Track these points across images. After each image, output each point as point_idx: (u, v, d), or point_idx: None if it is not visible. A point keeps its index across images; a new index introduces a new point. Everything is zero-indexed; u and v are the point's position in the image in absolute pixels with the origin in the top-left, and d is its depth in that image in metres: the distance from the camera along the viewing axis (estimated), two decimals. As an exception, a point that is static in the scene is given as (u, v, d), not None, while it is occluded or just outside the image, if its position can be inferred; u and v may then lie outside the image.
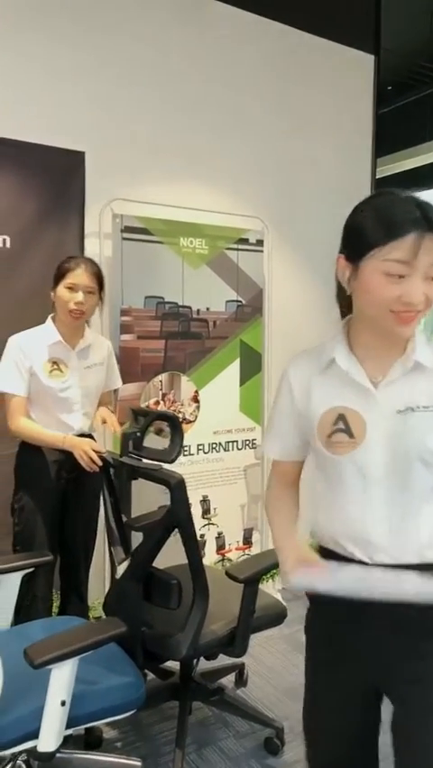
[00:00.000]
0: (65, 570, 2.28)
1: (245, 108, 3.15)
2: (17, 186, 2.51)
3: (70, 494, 2.19)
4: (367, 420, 1.07)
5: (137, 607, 1.86)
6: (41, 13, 2.57)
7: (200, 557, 1.80)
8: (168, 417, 1.81)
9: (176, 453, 1.79)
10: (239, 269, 3.04)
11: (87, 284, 2.12)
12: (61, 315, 2.14)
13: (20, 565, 1.91)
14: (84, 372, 2.19)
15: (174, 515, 1.74)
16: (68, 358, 2.16)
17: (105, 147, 2.70)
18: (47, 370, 2.12)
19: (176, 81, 2.93)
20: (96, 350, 2.26)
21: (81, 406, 2.19)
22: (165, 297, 2.83)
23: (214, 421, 3.01)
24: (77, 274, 2.11)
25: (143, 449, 1.84)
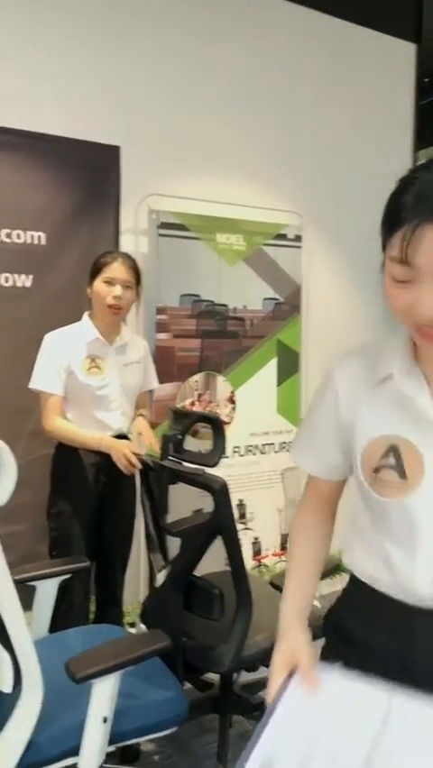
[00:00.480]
0: (101, 575, 2.22)
1: (283, 101, 3.06)
2: (53, 181, 2.46)
3: (107, 498, 2.13)
4: (427, 459, 0.83)
5: (178, 617, 1.79)
6: (75, 8, 2.52)
7: (244, 565, 1.72)
8: (210, 420, 1.73)
9: (218, 457, 1.71)
10: (277, 266, 2.95)
11: (124, 278, 2.06)
12: (99, 311, 2.09)
13: (57, 571, 1.85)
14: (122, 370, 2.13)
15: (217, 521, 1.66)
16: (106, 354, 2.10)
17: (141, 141, 2.64)
18: (85, 367, 2.06)
19: (212, 73, 2.85)
20: (133, 348, 2.20)
21: (119, 405, 2.12)
22: (201, 295, 2.76)
23: (250, 422, 2.92)
24: (114, 268, 2.06)
25: (184, 452, 1.77)
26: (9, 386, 2.39)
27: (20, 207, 2.40)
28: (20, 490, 2.44)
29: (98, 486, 2.10)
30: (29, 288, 2.44)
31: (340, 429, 0.95)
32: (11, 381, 2.39)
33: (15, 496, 2.52)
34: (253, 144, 2.96)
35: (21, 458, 2.43)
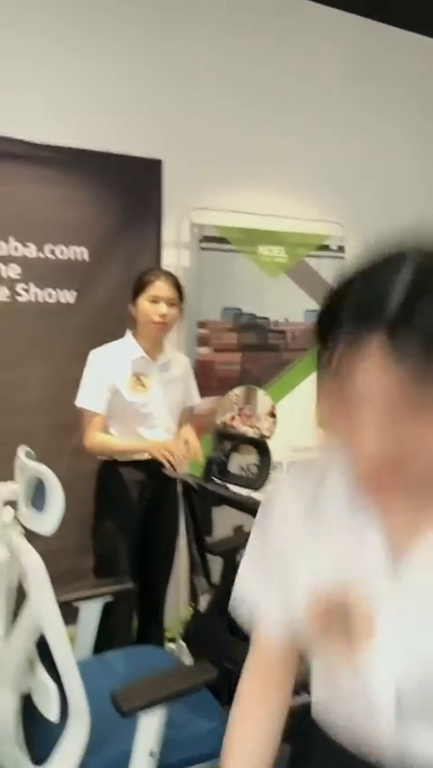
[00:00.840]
0: (144, 593, 2.21)
1: (324, 109, 3.01)
2: (95, 196, 2.47)
3: (151, 516, 2.12)
4: (378, 614, 0.64)
5: (222, 642, 1.76)
6: (116, 21, 2.52)
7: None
8: (255, 443, 1.70)
9: (264, 481, 1.68)
10: (319, 278, 2.89)
11: (169, 295, 2.06)
12: (143, 329, 2.08)
13: (101, 593, 1.85)
14: (166, 386, 2.13)
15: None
16: (150, 372, 2.10)
17: (183, 155, 2.62)
18: (130, 385, 2.06)
19: (252, 85, 2.82)
20: (175, 364, 2.19)
21: (163, 422, 2.11)
22: (242, 309, 2.73)
23: (292, 437, 2.87)
24: (158, 286, 2.05)
25: (229, 474, 1.75)
26: (52, 401, 2.41)
27: (63, 223, 2.41)
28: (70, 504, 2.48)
29: (142, 504, 2.09)
30: (72, 304, 2.45)
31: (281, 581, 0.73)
32: (54, 396, 2.40)
33: (58, 510, 2.53)
34: (294, 155, 2.92)
35: (64, 473, 2.45)
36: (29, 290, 2.38)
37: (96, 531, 2.10)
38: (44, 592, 1.32)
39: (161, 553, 2.18)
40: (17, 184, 2.33)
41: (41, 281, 2.39)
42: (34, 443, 2.39)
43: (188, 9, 2.67)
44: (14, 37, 2.33)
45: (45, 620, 1.33)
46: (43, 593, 1.32)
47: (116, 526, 2.07)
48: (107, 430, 2.09)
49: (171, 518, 2.13)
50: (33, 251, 2.38)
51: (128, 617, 2.10)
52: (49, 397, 2.42)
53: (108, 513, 2.08)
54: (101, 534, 2.09)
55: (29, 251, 2.37)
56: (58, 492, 1.34)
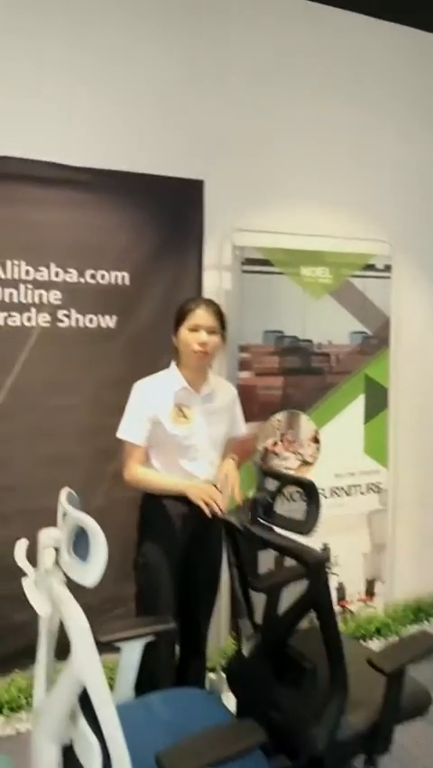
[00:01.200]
0: (186, 626, 2.15)
1: (370, 125, 2.91)
2: (136, 220, 2.44)
3: (194, 549, 2.06)
4: None
5: (268, 689, 1.69)
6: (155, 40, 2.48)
7: (341, 646, 1.59)
8: (303, 484, 1.62)
9: (313, 525, 1.60)
10: (365, 298, 2.80)
11: (209, 324, 2.00)
12: (185, 359, 2.03)
13: (143, 633, 1.79)
14: (209, 418, 2.07)
15: (311, 598, 1.55)
16: (193, 403, 2.04)
17: (224, 175, 2.57)
18: (172, 417, 2.01)
19: (296, 103, 2.75)
20: (220, 395, 2.13)
21: (205, 454, 2.06)
22: (285, 331, 2.65)
23: (335, 463, 2.79)
24: (198, 314, 2.00)
25: (275, 516, 1.67)
26: (92, 426, 2.38)
27: (104, 247, 2.39)
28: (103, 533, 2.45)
29: (185, 537, 2.03)
30: (113, 329, 2.42)
31: None
32: (94, 422, 2.38)
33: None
34: (337, 173, 2.84)
35: (103, 500, 2.46)
36: (70, 316, 2.36)
37: (138, 563, 2.05)
38: (87, 647, 1.27)
39: (204, 587, 2.12)
40: (57, 209, 2.31)
41: (82, 307, 2.37)
42: (75, 468, 2.39)
43: (229, 27, 2.61)
44: (51, 61, 2.31)
45: (87, 675, 1.28)
46: (86, 648, 1.27)
47: (159, 560, 2.02)
48: (150, 461, 2.04)
49: (215, 552, 2.07)
50: (75, 276, 2.35)
51: (170, 656, 2.04)
52: (89, 422, 2.39)
53: (150, 546, 2.03)
54: (143, 566, 2.04)
55: (70, 277, 2.34)
56: (101, 543, 1.29)
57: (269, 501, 1.67)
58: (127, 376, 2.27)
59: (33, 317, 2.30)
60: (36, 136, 2.27)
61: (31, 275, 2.29)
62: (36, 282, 2.29)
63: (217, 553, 2.07)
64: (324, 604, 1.55)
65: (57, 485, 2.29)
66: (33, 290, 2.29)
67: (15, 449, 2.31)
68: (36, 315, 2.30)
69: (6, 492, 2.31)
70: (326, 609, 1.55)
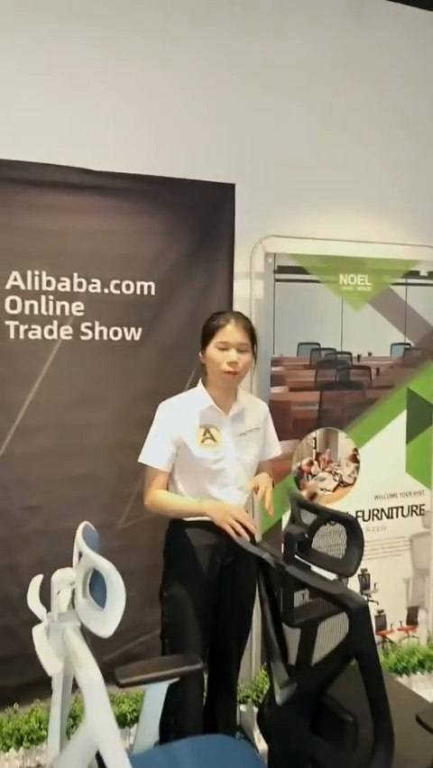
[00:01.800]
0: (215, 662, 2.01)
1: (412, 122, 2.73)
2: (164, 226, 2.31)
3: (225, 582, 1.92)
4: None
5: (304, 741, 1.53)
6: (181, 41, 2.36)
7: (387, 702, 1.43)
8: (344, 521, 1.46)
9: (355, 566, 1.43)
10: (408, 307, 2.62)
11: (239, 341, 1.86)
12: (213, 378, 1.89)
13: (168, 675, 1.66)
14: (239, 440, 1.92)
15: (353, 647, 1.39)
16: (221, 424, 1.90)
17: (256, 179, 2.42)
18: (199, 438, 1.87)
19: (332, 101, 2.59)
20: (251, 414, 1.98)
21: (236, 479, 1.91)
22: (321, 343, 2.49)
23: (375, 484, 2.61)
24: (227, 331, 1.86)
25: (313, 554, 1.51)
26: (117, 444, 2.26)
27: (129, 256, 2.26)
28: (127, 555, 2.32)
29: (213, 569, 1.89)
30: (138, 342, 2.30)
31: None
32: (119, 439, 2.26)
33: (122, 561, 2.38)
34: (377, 174, 2.66)
35: (128, 521, 2.33)
36: (93, 328, 2.24)
37: (164, 596, 1.92)
38: (101, 708, 1.14)
39: (235, 623, 1.97)
40: (80, 216, 2.20)
41: (105, 319, 2.25)
42: (100, 488, 2.27)
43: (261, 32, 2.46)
44: (73, 64, 2.21)
45: (101, 738, 1.15)
46: (100, 708, 1.14)
47: (185, 593, 1.88)
48: (176, 486, 1.91)
49: (246, 585, 1.92)
50: (98, 286, 2.24)
51: (198, 698, 1.90)
52: (113, 440, 2.28)
53: (176, 578, 1.90)
54: (169, 599, 1.91)
55: (93, 287, 2.23)
56: (119, 590, 1.16)
57: (306, 538, 1.51)
58: (153, 391, 2.15)
59: (55, 330, 2.19)
60: (57, 140, 2.16)
61: (52, 286, 2.18)
62: (58, 293, 2.18)
63: (249, 586, 1.92)
64: (367, 654, 1.38)
65: (81, 505, 2.23)
66: (55, 302, 2.18)
67: (37, 468, 2.21)
68: (58, 327, 2.19)
69: (29, 513, 2.21)
70: (369, 661, 1.39)
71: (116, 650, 2.26)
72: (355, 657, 1.41)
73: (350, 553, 1.45)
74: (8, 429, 2.15)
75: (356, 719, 1.45)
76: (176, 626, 1.88)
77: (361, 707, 1.45)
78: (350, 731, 1.45)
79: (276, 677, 1.62)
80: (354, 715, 1.46)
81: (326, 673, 1.45)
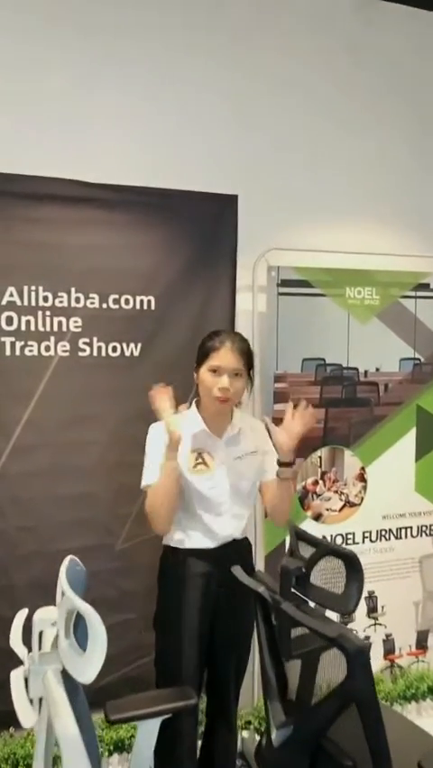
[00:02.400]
0: (213, 693, 1.94)
1: (419, 131, 2.65)
2: (164, 239, 2.25)
3: (221, 610, 1.84)
4: None
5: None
6: (182, 49, 2.30)
7: (386, 744, 1.35)
8: (343, 556, 1.38)
9: (354, 605, 1.36)
10: (417, 321, 2.53)
11: (232, 366, 1.78)
12: (206, 400, 1.82)
13: (160, 711, 1.59)
14: (233, 465, 1.84)
15: (351, 692, 1.31)
16: (214, 448, 1.82)
17: (259, 189, 2.35)
18: (191, 463, 1.80)
19: (337, 111, 2.51)
20: (248, 436, 1.90)
21: (230, 508, 1.83)
22: (327, 359, 2.41)
23: (384, 503, 2.52)
24: (220, 355, 1.77)
25: (311, 588, 1.44)
26: (116, 463, 2.20)
27: (128, 270, 2.21)
28: (125, 577, 2.26)
29: (209, 596, 1.82)
30: (137, 358, 2.24)
31: None
32: (117, 458, 2.20)
33: (122, 583, 2.32)
34: (384, 184, 2.58)
35: (126, 542, 2.27)
36: (91, 344, 2.18)
37: (157, 623, 1.86)
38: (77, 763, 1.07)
39: (232, 653, 1.89)
40: (77, 230, 2.14)
41: (104, 334, 2.19)
42: (98, 508, 2.21)
43: (264, 41, 2.40)
44: (71, 72, 2.16)
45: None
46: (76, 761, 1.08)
47: (179, 621, 1.81)
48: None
49: (243, 614, 1.83)
50: (96, 301, 2.18)
51: (193, 731, 1.83)
52: (111, 459, 2.22)
53: (170, 605, 1.83)
54: (162, 626, 1.84)
55: (91, 302, 2.17)
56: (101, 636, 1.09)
57: (303, 572, 1.43)
58: (150, 408, 2.09)
59: (52, 346, 2.14)
60: (54, 152, 2.11)
61: (49, 301, 2.13)
62: (55, 309, 2.13)
63: (247, 614, 1.84)
64: (366, 701, 1.31)
65: (78, 525, 2.17)
66: (52, 317, 2.13)
67: (34, 487, 2.15)
68: (55, 344, 2.14)
69: (25, 533, 2.15)
70: (369, 707, 1.31)
71: (114, 673, 2.20)
72: (354, 702, 1.34)
73: (349, 590, 1.38)
74: (4, 448, 2.10)
75: (356, 764, 1.37)
76: (170, 654, 1.81)
77: (361, 750, 1.37)
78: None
79: (273, 716, 1.55)
80: (353, 759, 1.38)
81: (324, 716, 1.38)
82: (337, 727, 1.45)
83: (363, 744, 1.36)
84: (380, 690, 2.51)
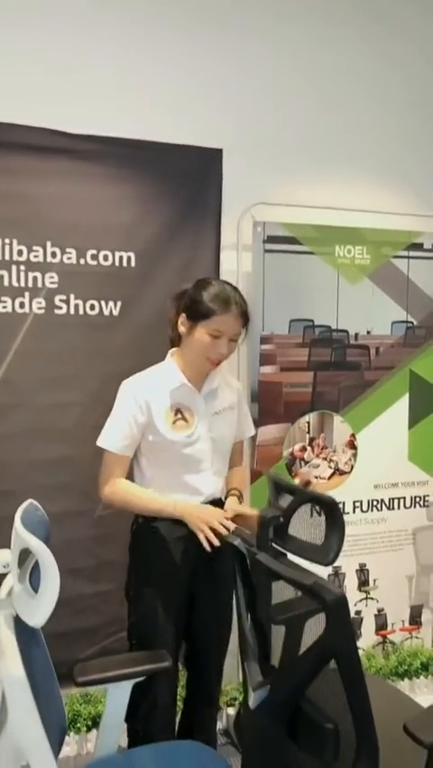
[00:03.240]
0: (193, 667, 1.84)
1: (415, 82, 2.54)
2: (145, 193, 2.16)
3: (201, 579, 1.74)
4: None
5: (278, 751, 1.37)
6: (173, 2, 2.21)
7: (368, 704, 1.26)
8: (323, 503, 1.29)
9: (334, 554, 1.27)
10: (410, 282, 2.43)
11: (235, 332, 1.68)
12: (192, 357, 1.71)
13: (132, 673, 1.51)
14: (212, 420, 1.75)
15: (329, 645, 1.22)
16: (194, 404, 1.73)
17: (246, 142, 2.26)
18: (169, 420, 1.70)
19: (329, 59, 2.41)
20: (224, 391, 1.81)
21: (211, 464, 1.74)
22: (315, 320, 2.32)
23: (375, 472, 2.42)
24: (226, 320, 1.65)
25: (289, 540, 1.35)
26: (94, 426, 2.08)
27: (107, 225, 2.12)
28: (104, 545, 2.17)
29: (187, 563, 1.72)
30: (117, 317, 2.15)
31: None
32: (96, 421, 2.07)
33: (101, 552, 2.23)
34: (377, 137, 2.48)
35: (106, 508, 2.19)
36: (68, 302, 2.09)
37: (130, 594, 1.75)
38: (23, 711, 0.99)
39: (213, 626, 1.78)
40: (55, 181, 2.05)
41: (81, 291, 2.10)
42: (76, 472, 2.12)
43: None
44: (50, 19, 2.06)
45: (25, 747, 1.00)
46: (22, 712, 0.99)
47: (154, 591, 1.70)
48: (143, 475, 1.75)
49: (226, 583, 1.72)
50: (74, 257, 2.09)
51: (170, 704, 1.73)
52: (90, 421, 2.10)
53: (144, 575, 1.73)
54: (135, 599, 1.74)
55: (68, 258, 2.09)
56: (53, 574, 1.01)
57: (281, 522, 1.34)
58: (133, 369, 1.98)
59: (27, 303, 2.04)
60: (30, 99, 2.02)
61: (24, 255, 2.04)
62: (30, 264, 2.04)
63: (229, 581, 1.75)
64: (345, 654, 1.22)
65: (57, 490, 2.08)
66: (27, 273, 2.04)
67: (10, 450, 2.07)
68: (30, 300, 2.05)
69: (2, 498, 2.06)
70: (348, 662, 1.22)
71: (95, 646, 2.12)
72: (333, 658, 1.25)
73: (329, 540, 1.29)
74: (-23, 409, 2.02)
75: (338, 727, 1.28)
76: (145, 629, 1.71)
77: (343, 712, 1.28)
78: (329, 741, 1.28)
79: (249, 678, 1.46)
80: (334, 722, 1.29)
81: (302, 673, 1.29)
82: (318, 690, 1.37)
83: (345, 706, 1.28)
84: (371, 665, 2.42)
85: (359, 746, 1.27)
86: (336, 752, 1.26)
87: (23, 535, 1.07)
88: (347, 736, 1.26)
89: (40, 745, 0.99)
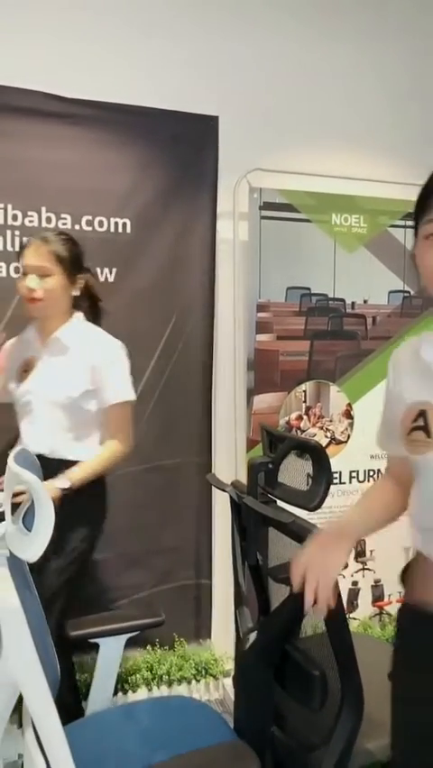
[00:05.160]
0: None
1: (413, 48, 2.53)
2: (141, 160, 2.16)
3: None
4: None
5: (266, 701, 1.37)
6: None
7: (352, 651, 1.25)
8: (310, 449, 1.29)
9: (319, 499, 1.27)
10: (407, 252, 2.42)
11: (37, 265, 1.68)
12: None
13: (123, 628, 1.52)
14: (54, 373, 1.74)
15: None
16: (37, 354, 1.77)
17: (242, 108, 2.26)
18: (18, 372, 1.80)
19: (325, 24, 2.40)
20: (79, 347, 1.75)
21: (45, 417, 1.72)
22: (312, 288, 2.31)
23: (371, 442, 2.39)
24: (26, 254, 1.70)
25: (277, 486, 1.35)
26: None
27: (103, 191, 2.12)
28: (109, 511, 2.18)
29: None
30: (112, 283, 2.15)
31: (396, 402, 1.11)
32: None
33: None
34: (375, 105, 2.47)
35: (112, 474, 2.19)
36: (63, 268, 2.10)
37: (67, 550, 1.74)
38: (20, 642, 0.99)
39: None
40: (50, 146, 2.06)
41: (77, 257, 2.11)
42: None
43: None
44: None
45: (23, 680, 1.00)
46: (18, 643, 0.99)
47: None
48: None
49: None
50: (69, 222, 2.10)
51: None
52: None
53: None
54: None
55: (63, 223, 2.09)
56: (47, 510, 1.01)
57: (270, 468, 1.35)
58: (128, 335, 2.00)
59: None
60: (25, 63, 2.02)
61: (18, 220, 2.05)
62: (25, 228, 2.05)
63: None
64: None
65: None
66: (22, 238, 2.05)
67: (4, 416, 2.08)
68: (25, 265, 2.06)
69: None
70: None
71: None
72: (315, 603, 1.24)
73: (315, 485, 1.29)
74: (-29, 373, 2.02)
75: (324, 674, 1.28)
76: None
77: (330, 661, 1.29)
78: (317, 688, 1.28)
79: (240, 624, 1.46)
80: (322, 669, 1.29)
81: (287, 616, 1.28)
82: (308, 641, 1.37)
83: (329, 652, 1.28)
84: (368, 636, 2.42)
85: (343, 694, 1.27)
86: (322, 699, 1.26)
87: (14, 470, 1.07)
88: (333, 684, 1.26)
89: (37, 675, 0.99)
